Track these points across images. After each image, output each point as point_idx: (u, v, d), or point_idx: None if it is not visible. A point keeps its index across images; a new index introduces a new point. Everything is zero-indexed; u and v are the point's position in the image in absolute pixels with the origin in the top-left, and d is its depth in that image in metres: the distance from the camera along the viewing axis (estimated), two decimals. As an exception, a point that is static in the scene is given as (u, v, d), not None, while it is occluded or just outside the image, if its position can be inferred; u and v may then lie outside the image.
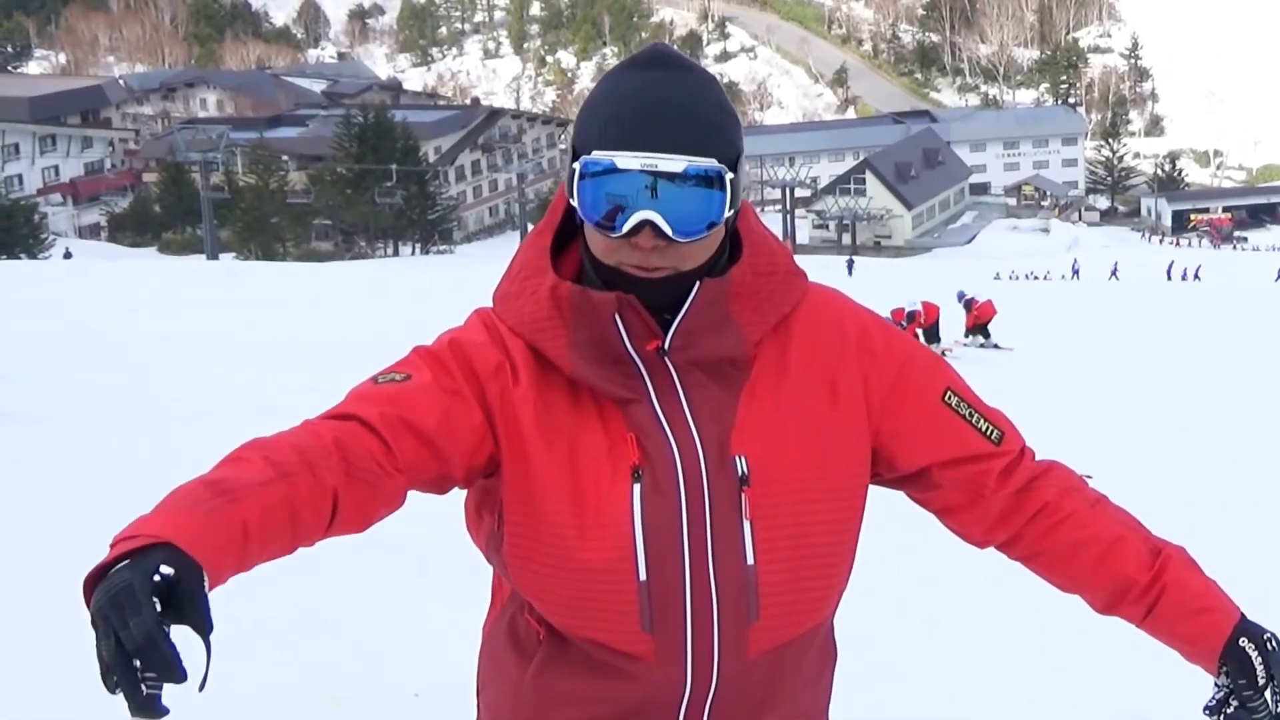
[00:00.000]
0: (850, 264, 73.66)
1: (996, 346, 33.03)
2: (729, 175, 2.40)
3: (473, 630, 2.84)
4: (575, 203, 2.42)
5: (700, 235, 2.39)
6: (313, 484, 2.24)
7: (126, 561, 1.94)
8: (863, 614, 4.78)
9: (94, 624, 1.90)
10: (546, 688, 2.61)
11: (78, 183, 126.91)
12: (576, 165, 2.41)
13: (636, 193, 2.35)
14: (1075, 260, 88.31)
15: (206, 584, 1.97)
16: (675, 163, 2.35)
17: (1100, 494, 2.76)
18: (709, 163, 2.37)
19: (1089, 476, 2.79)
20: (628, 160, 2.35)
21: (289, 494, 2.20)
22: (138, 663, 1.87)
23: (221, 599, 2.19)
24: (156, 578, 1.91)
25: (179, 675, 1.89)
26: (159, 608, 1.89)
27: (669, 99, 2.39)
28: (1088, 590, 2.73)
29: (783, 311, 2.57)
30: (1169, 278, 77.90)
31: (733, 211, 2.44)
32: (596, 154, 2.39)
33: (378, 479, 2.34)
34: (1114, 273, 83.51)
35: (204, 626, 1.94)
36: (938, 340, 31.67)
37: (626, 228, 2.36)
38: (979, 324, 34.11)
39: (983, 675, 7.16)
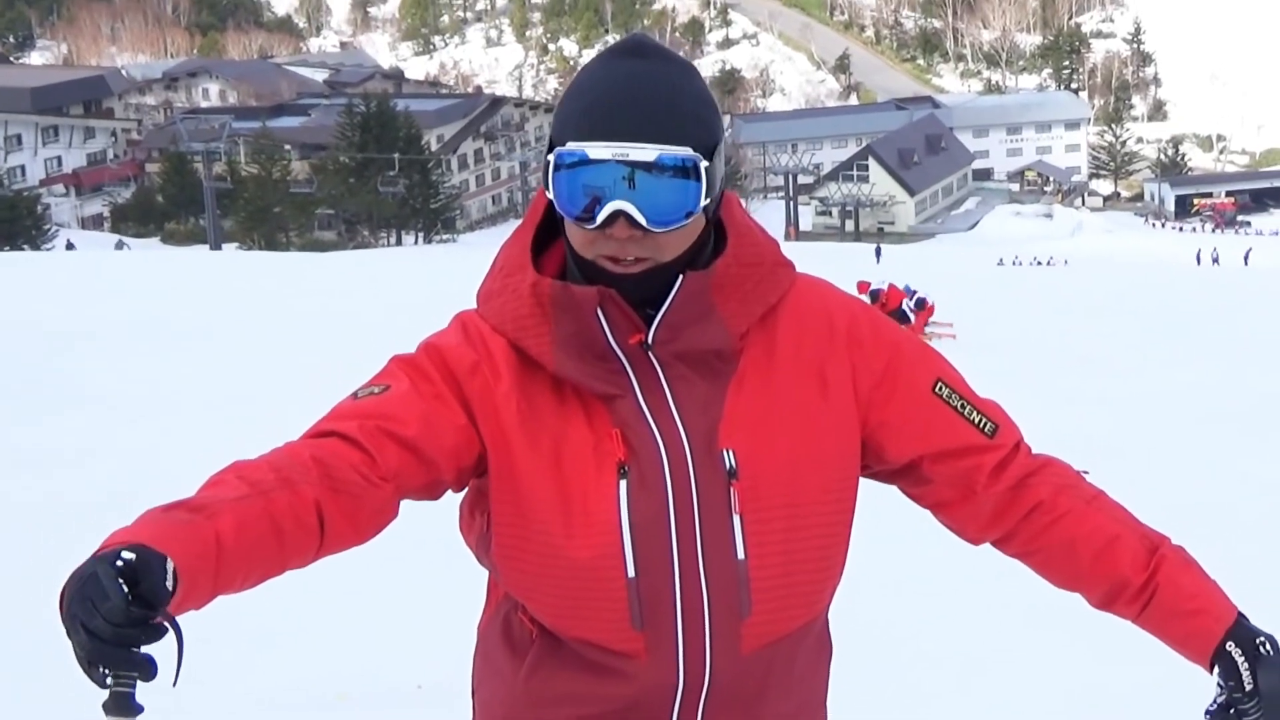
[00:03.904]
0: (878, 251, 73.63)
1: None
2: (704, 164, 2.37)
3: (474, 626, 2.85)
4: (551, 195, 2.41)
5: (676, 225, 2.38)
6: (291, 497, 2.23)
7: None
8: (861, 605, 4.78)
9: (65, 624, 1.92)
10: (540, 687, 2.60)
11: (80, 173, 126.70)
12: (551, 158, 2.40)
13: (613, 184, 2.33)
14: (1215, 249, 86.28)
15: (171, 567, 1.97)
16: (647, 152, 2.33)
17: (1097, 490, 2.74)
18: (683, 151, 2.35)
19: (1086, 471, 2.77)
20: (599, 150, 2.33)
21: (266, 507, 2.19)
22: (104, 668, 1.90)
23: (234, 604, 2.24)
24: (119, 563, 1.92)
25: (148, 669, 1.91)
26: (126, 589, 1.90)
27: (644, 88, 2.38)
28: (1083, 588, 2.71)
29: (769, 303, 2.56)
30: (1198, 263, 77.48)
31: (710, 200, 2.42)
32: (570, 145, 2.37)
33: (362, 489, 2.33)
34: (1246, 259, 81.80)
35: (160, 596, 1.93)
36: (906, 323, 31.48)
37: (600, 218, 2.34)
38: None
39: (986, 665, 7.17)
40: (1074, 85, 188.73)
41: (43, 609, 2.39)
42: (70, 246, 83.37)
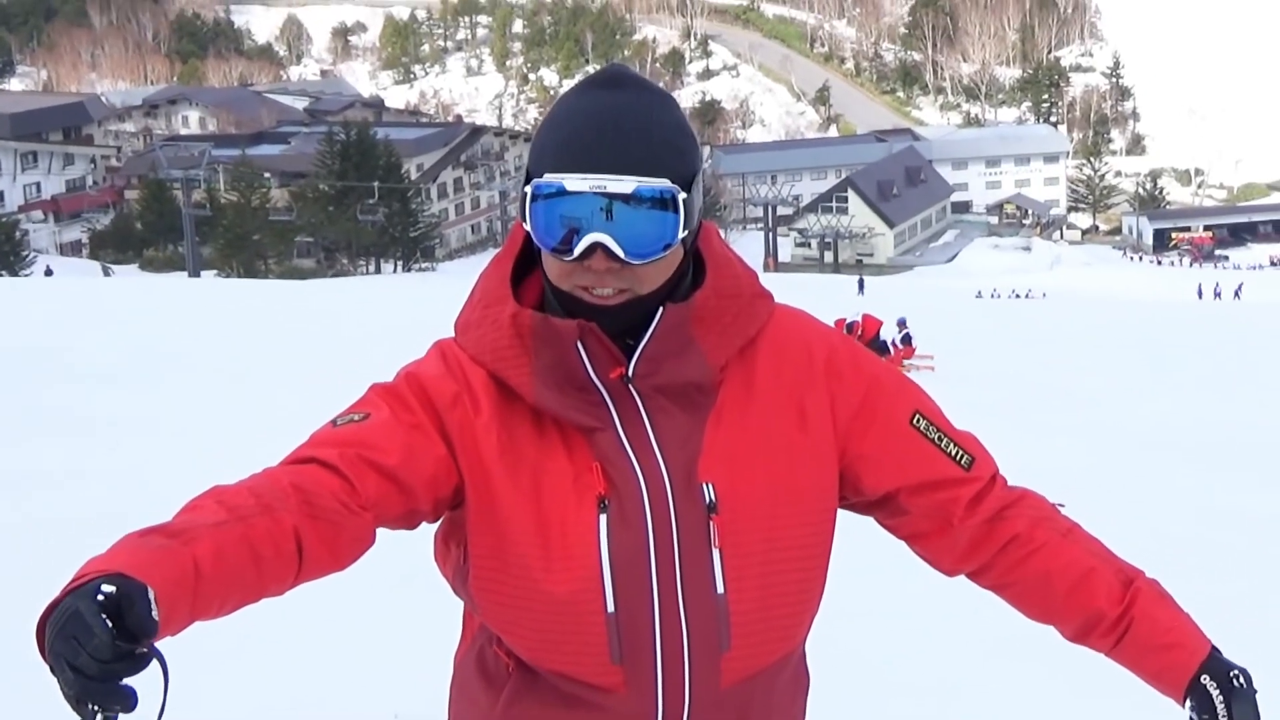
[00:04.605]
0: (861, 283, 73.80)
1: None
2: (682, 196, 2.36)
3: (451, 656, 2.84)
4: (529, 228, 2.40)
5: (654, 256, 2.37)
6: (270, 524, 2.20)
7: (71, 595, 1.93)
8: (838, 636, 4.78)
9: (49, 663, 1.90)
10: (517, 719, 2.59)
11: (59, 200, 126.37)
12: (528, 189, 2.38)
13: (590, 215, 2.32)
14: (1218, 284, 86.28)
15: (152, 596, 1.94)
16: (625, 184, 2.32)
17: (1072, 523, 2.74)
18: (661, 183, 2.34)
19: (1061, 505, 2.77)
20: (576, 182, 2.32)
21: (245, 533, 2.16)
22: (93, 705, 1.88)
23: (207, 630, 2.23)
24: (100, 596, 1.89)
25: (130, 700, 1.89)
26: (110, 624, 1.87)
27: (621, 119, 2.36)
28: (1058, 621, 2.71)
29: (748, 335, 2.55)
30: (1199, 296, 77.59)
31: (687, 232, 2.41)
32: (548, 176, 2.35)
33: (341, 517, 2.31)
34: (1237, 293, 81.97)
35: (146, 629, 1.90)
36: (886, 354, 31.47)
37: (578, 250, 2.33)
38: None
39: (963, 696, 7.16)
40: (1053, 119, 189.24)
41: (17, 635, 2.41)
42: (49, 272, 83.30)
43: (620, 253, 2.33)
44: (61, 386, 18.59)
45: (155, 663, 1.93)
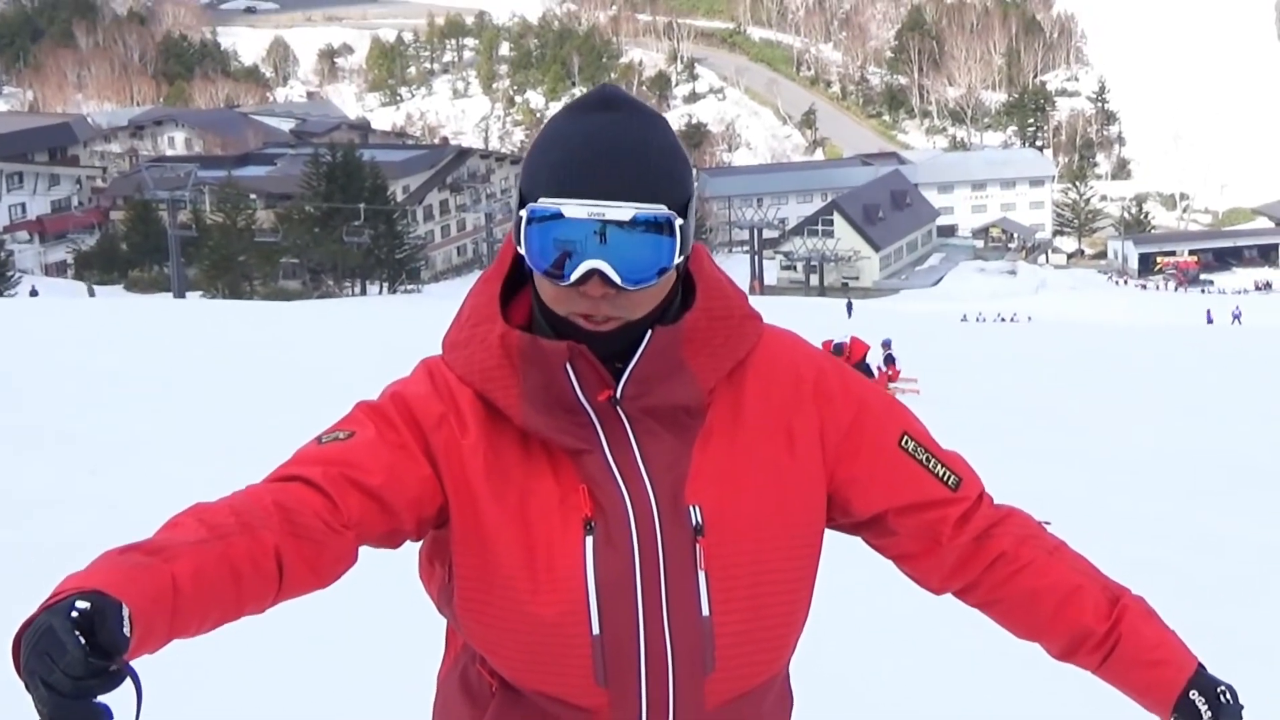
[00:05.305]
0: (849, 306, 73.85)
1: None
2: (679, 222, 2.36)
3: (434, 674, 2.83)
4: (523, 251, 2.38)
5: (650, 282, 2.36)
6: (251, 542, 2.20)
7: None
8: (823, 657, 4.78)
9: (24, 680, 1.89)
10: (500, 740, 2.58)
11: (45, 220, 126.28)
12: (524, 213, 2.37)
13: (585, 238, 2.31)
14: (1237, 307, 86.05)
15: (126, 614, 1.92)
16: (623, 210, 2.30)
17: (1059, 541, 2.74)
18: (658, 209, 2.33)
19: (1047, 523, 2.78)
20: (575, 209, 2.30)
21: (225, 552, 2.16)
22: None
23: (182, 646, 2.20)
24: (74, 613, 1.88)
25: (104, 718, 1.88)
26: (83, 641, 1.86)
27: (617, 143, 2.35)
28: (1045, 638, 2.71)
29: (737, 357, 2.54)
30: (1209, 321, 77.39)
31: (683, 258, 2.40)
32: (543, 201, 2.34)
33: (324, 536, 2.31)
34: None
35: (118, 645, 1.89)
36: (871, 377, 31.46)
37: (574, 276, 2.32)
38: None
39: (948, 716, 7.16)
40: (1039, 143, 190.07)
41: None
42: (34, 293, 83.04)
43: (617, 279, 2.32)
44: (42, 407, 18.54)
45: (129, 680, 1.91)
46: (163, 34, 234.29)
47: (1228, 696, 2.56)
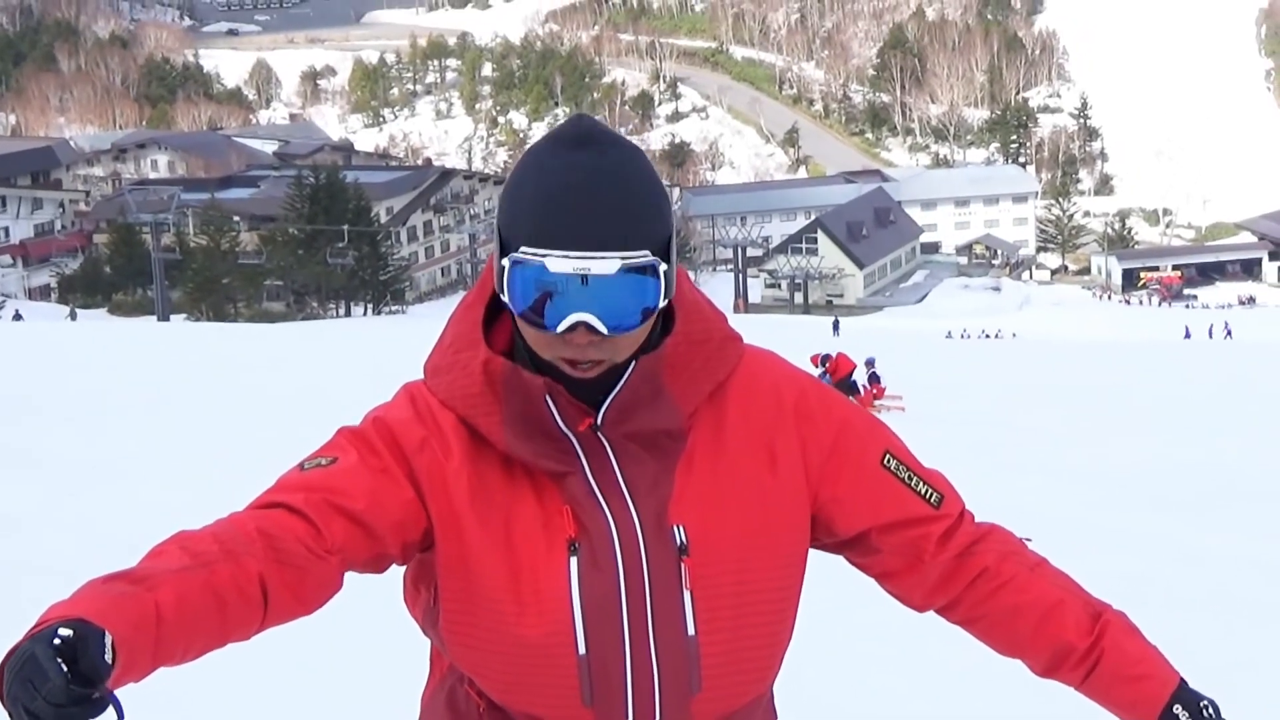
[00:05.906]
0: (836, 324, 73.86)
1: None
2: (663, 267, 2.34)
3: (418, 695, 2.83)
4: (505, 297, 2.36)
5: (636, 327, 2.35)
6: (235, 570, 2.21)
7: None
8: (806, 675, 4.78)
9: (7, 707, 1.91)
10: (487, 760, 2.58)
11: (28, 244, 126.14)
12: (505, 262, 2.35)
13: (567, 282, 2.28)
14: (1227, 323, 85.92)
15: (109, 641, 1.95)
16: (609, 263, 2.28)
17: (1040, 557, 2.74)
18: (643, 258, 2.31)
19: (1028, 539, 2.78)
20: (559, 263, 2.27)
21: (208, 579, 2.17)
22: None
23: (171, 673, 2.21)
24: (56, 641, 1.90)
25: None
26: (65, 668, 1.88)
27: (596, 189, 2.31)
28: (1027, 654, 2.71)
29: (717, 380, 2.54)
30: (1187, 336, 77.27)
31: (666, 300, 2.39)
32: (525, 251, 2.31)
33: (307, 562, 2.31)
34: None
35: (100, 673, 1.91)
36: (856, 394, 31.42)
37: (561, 328, 2.31)
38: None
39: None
40: (1021, 159, 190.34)
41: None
42: (18, 317, 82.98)
43: (603, 329, 2.31)
44: (25, 430, 18.52)
45: (111, 708, 1.93)
46: (145, 57, 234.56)
47: (1210, 711, 2.56)
